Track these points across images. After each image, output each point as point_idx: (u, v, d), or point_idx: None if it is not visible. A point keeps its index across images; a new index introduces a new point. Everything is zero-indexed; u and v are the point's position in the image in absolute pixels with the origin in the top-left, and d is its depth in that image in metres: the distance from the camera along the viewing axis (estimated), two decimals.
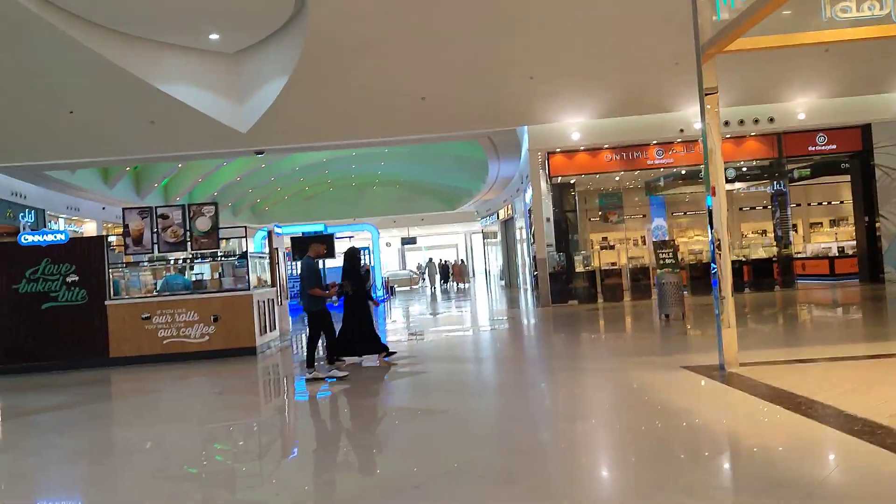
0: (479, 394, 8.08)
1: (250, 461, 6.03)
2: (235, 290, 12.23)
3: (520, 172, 25.92)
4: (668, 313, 13.39)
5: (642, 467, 4.95)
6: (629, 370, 8.35)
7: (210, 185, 32.63)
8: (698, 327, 12.43)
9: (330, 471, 5.54)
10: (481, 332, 14.44)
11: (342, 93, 17.25)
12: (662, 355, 9.67)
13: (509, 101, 17.92)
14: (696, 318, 13.65)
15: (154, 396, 9.37)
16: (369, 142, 19.62)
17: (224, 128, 17.79)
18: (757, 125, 18.45)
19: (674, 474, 4.64)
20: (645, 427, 5.85)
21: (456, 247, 58.47)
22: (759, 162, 19.53)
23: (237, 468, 5.79)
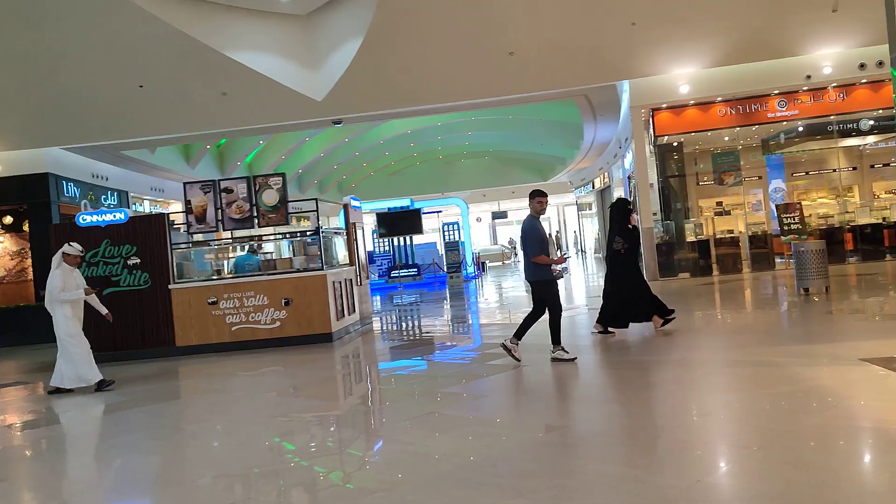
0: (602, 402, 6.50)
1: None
2: (308, 271, 11.02)
3: (617, 136, 23.85)
4: (807, 287, 11.29)
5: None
6: (793, 365, 6.48)
7: (294, 161, 31.93)
8: (850, 304, 10.34)
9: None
10: (580, 314, 12.74)
11: (421, 52, 15.75)
12: (827, 342, 7.70)
13: (608, 52, 15.97)
14: (841, 293, 11.49)
15: (224, 399, 8.22)
16: (452, 105, 18.05)
17: (298, 96, 16.63)
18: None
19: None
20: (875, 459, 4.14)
21: (549, 220, 56.40)
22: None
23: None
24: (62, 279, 8.63)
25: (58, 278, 8.63)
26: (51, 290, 8.61)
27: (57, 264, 8.73)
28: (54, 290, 8.60)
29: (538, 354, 8.25)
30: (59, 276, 8.66)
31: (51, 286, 8.63)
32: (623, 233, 9.22)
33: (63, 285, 8.62)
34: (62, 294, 8.61)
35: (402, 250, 28.20)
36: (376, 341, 11.73)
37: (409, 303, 19.39)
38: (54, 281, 8.63)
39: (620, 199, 9.86)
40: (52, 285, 8.62)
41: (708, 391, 6.16)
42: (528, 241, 7.78)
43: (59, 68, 15.09)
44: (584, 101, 18.73)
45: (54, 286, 8.61)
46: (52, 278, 8.68)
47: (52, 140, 17.68)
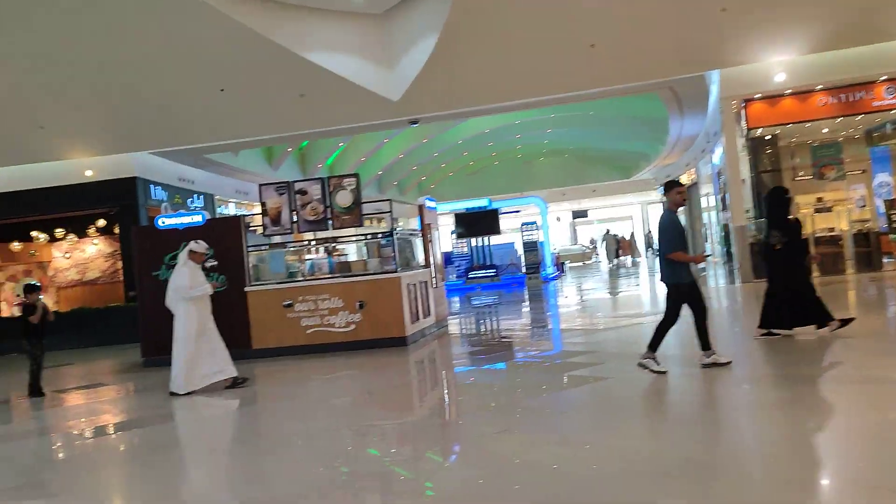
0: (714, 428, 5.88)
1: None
2: (382, 273, 10.77)
3: (706, 130, 22.76)
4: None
5: None
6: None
7: (374, 163, 32.05)
8: None
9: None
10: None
11: (498, 48, 15.33)
12: None
13: (696, 41, 15.13)
14: None
15: (299, 404, 8.04)
16: (531, 102, 17.53)
17: (375, 97, 16.48)
18: None
19: None
20: None
21: (631, 219, 54.91)
22: None
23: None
24: (190, 276, 8.51)
25: (185, 275, 8.51)
26: (178, 286, 8.49)
27: (183, 262, 8.63)
28: (182, 287, 8.47)
29: (623, 363, 7.71)
30: (186, 273, 8.53)
31: (178, 283, 8.51)
32: (780, 225, 8.26)
33: (191, 283, 8.50)
34: (190, 291, 8.47)
35: (480, 251, 27.82)
36: (452, 345, 11.38)
37: (486, 304, 18.99)
38: (181, 278, 8.51)
39: (777, 187, 8.99)
40: (180, 282, 8.50)
41: (841, 412, 5.50)
42: (666, 236, 7.01)
43: (144, 74, 15.42)
44: (670, 93, 17.88)
45: (182, 283, 8.48)
46: (178, 275, 8.56)
47: (139, 145, 18.14)
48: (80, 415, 8.27)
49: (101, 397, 9.48)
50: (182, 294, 8.48)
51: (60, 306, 19.47)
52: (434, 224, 13.07)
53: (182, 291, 8.48)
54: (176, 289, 8.52)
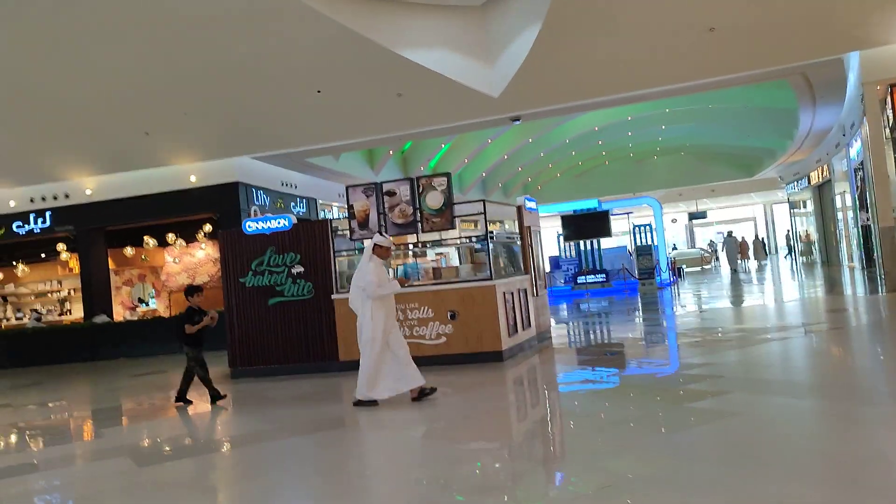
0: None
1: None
2: (475, 281, 9.91)
3: (840, 122, 20.58)
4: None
5: None
6: None
7: (478, 165, 31.32)
8: None
9: None
10: (813, 335, 10.51)
11: (605, 37, 14.15)
12: None
13: (831, 19, 13.39)
14: None
15: (386, 432, 7.32)
16: (642, 94, 16.18)
17: (474, 94, 15.67)
18: None
19: None
20: None
21: (753, 220, 51.67)
22: None
23: None
24: (376, 273, 7.68)
25: (373, 272, 7.65)
26: (365, 285, 7.63)
27: (368, 257, 7.83)
28: (370, 286, 7.58)
29: (753, 393, 6.49)
30: (373, 269, 7.68)
31: (364, 281, 7.66)
32: None
33: (378, 279, 7.67)
34: (378, 289, 7.63)
35: (589, 254, 26.48)
36: (554, 362, 10.38)
37: (595, 312, 17.78)
38: (368, 275, 7.64)
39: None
40: (367, 279, 7.63)
41: None
42: None
43: (243, 78, 15.27)
44: (801, 80, 16.07)
45: (369, 280, 7.60)
46: (364, 272, 7.72)
47: (239, 150, 18.14)
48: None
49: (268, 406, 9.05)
50: (370, 292, 7.59)
51: (172, 310, 19.82)
52: (535, 226, 12.09)
53: (370, 289, 7.59)
54: (364, 287, 7.64)
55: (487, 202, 10.23)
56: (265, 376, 10.48)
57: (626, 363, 9.34)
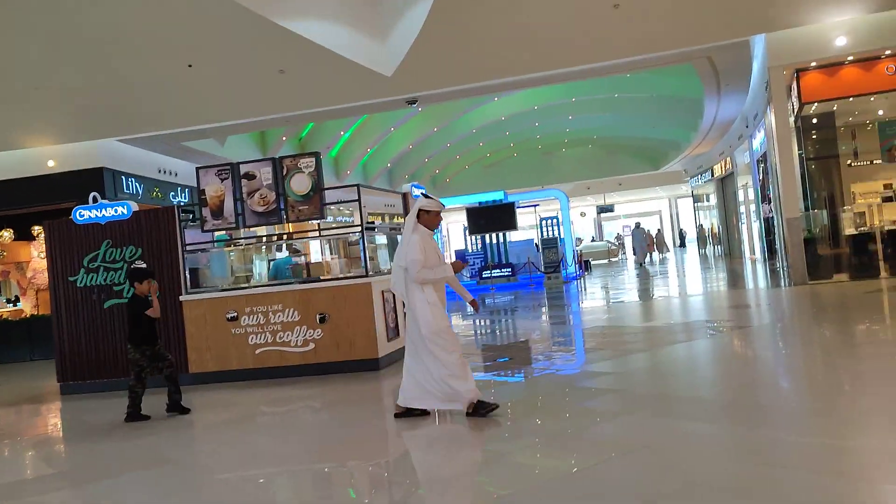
0: None
1: None
2: (348, 278, 8.58)
3: (744, 113, 20.31)
4: None
5: None
6: None
7: (382, 155, 29.94)
8: None
9: None
10: (724, 338, 9.68)
11: (505, 13, 13.08)
12: None
13: (740, 0, 12.74)
14: None
15: (242, 452, 5.87)
16: (545, 76, 15.14)
17: (366, 72, 14.30)
18: None
19: None
20: None
21: (659, 213, 52.34)
22: None
23: None
24: (422, 249, 5.74)
25: (417, 248, 5.72)
26: (409, 264, 5.74)
27: (412, 227, 5.85)
28: (414, 265, 5.69)
29: (663, 415, 5.43)
30: (417, 244, 5.74)
31: (408, 259, 5.74)
32: None
33: (425, 256, 5.75)
34: (424, 271, 5.71)
35: (495, 248, 25.53)
36: None
37: (497, 308, 16.76)
38: (413, 252, 5.72)
39: None
40: (411, 258, 5.72)
41: None
42: None
43: (102, 50, 13.39)
44: (707, 64, 15.43)
45: (414, 259, 5.70)
46: (407, 248, 5.76)
47: (103, 131, 16.12)
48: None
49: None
50: (412, 274, 5.71)
51: (40, 309, 17.73)
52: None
53: (413, 269, 5.70)
54: (407, 266, 5.77)
55: (364, 188, 8.88)
56: (100, 392, 8.84)
57: (521, 370, 8.22)
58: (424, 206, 5.93)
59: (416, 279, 5.72)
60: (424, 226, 5.89)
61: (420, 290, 5.77)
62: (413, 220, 5.91)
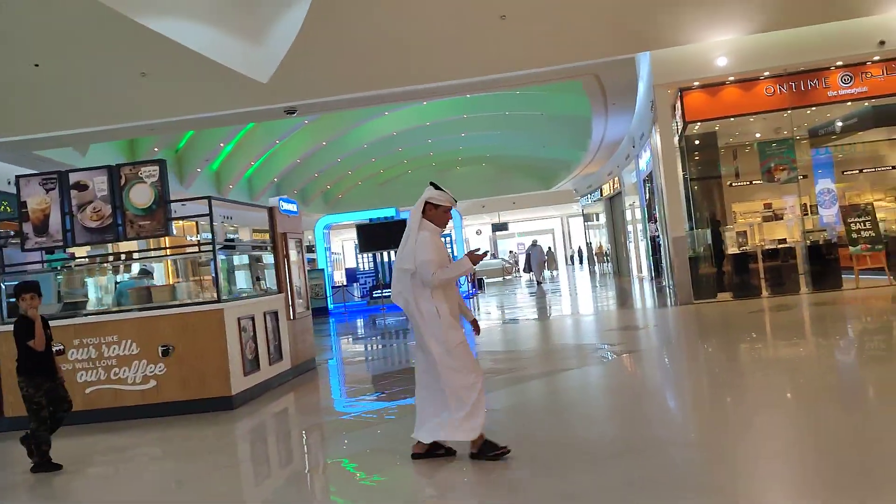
0: None
1: None
2: (197, 304, 7.55)
3: (630, 133, 20.46)
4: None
5: None
6: None
7: (268, 169, 28.64)
8: None
9: None
10: (613, 366, 9.23)
11: (386, 17, 12.41)
12: None
13: (624, 15, 12.59)
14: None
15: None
16: (432, 88, 14.51)
17: (239, 77, 13.29)
18: None
19: None
20: None
21: (552, 232, 53.12)
22: None
23: None
24: (434, 247, 4.83)
25: (429, 246, 4.80)
26: (418, 266, 4.77)
27: (418, 224, 4.91)
28: (426, 266, 4.73)
29: (552, 483, 4.75)
30: (428, 242, 4.82)
31: (418, 260, 4.77)
32: None
33: (437, 256, 4.81)
34: (441, 272, 4.76)
35: (388, 267, 24.66)
36: (308, 404, 8.27)
37: (383, 331, 15.94)
38: (425, 251, 4.77)
39: None
40: (423, 258, 4.75)
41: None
42: None
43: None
44: (594, 82, 15.28)
45: (425, 259, 4.75)
46: (416, 247, 4.79)
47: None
48: None
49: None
50: (427, 277, 4.73)
51: None
52: (295, 233, 9.88)
53: (426, 272, 4.72)
54: (417, 269, 4.77)
55: (218, 200, 7.88)
56: None
57: (393, 410, 7.41)
58: (432, 198, 4.95)
59: (434, 282, 4.73)
60: (432, 222, 4.95)
61: (429, 300, 4.79)
62: (418, 215, 4.94)
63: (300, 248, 9.98)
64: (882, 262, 13.02)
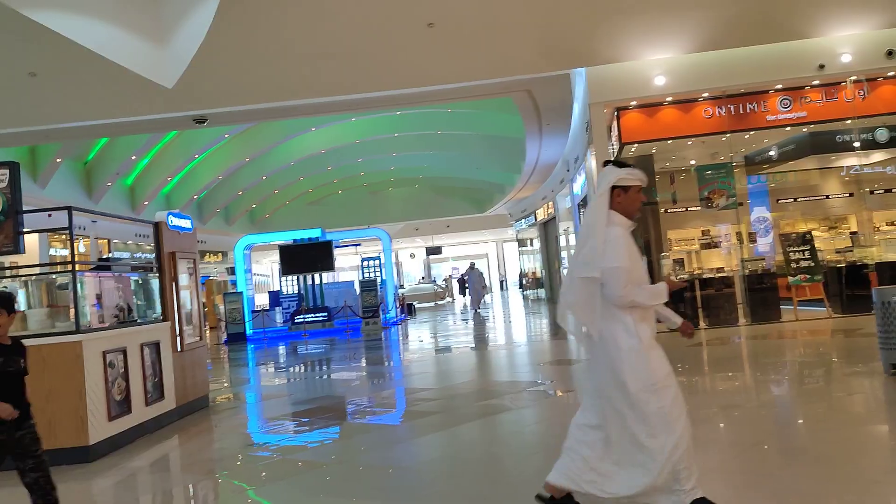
0: None
1: None
2: (49, 335, 6.29)
3: (565, 157, 19.92)
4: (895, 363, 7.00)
5: None
6: None
7: (188, 186, 27.07)
8: None
9: None
10: (546, 405, 8.32)
11: (305, 20, 11.38)
12: None
13: (559, 28, 11.89)
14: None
15: None
16: (352, 100, 13.46)
17: (141, 81, 11.99)
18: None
19: None
20: None
21: (486, 257, 52.57)
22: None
23: None
24: (627, 251, 3.76)
25: (621, 249, 3.73)
26: (607, 274, 3.68)
27: (605, 216, 3.76)
28: (617, 277, 3.68)
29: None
30: (622, 242, 3.75)
31: (607, 265, 3.68)
32: None
33: (631, 267, 3.74)
34: (632, 291, 3.70)
35: (312, 290, 23.39)
36: (191, 453, 7.05)
37: (302, 359, 14.73)
38: (616, 256, 3.70)
39: None
40: (612, 264, 3.68)
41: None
42: None
43: None
44: (528, 99, 14.55)
45: (617, 266, 3.68)
46: (605, 248, 3.70)
47: None
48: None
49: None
50: (619, 290, 3.67)
51: None
52: (187, 253, 8.67)
53: (620, 282, 3.66)
54: (609, 274, 3.67)
55: (80, 211, 6.66)
56: None
57: (305, 458, 6.29)
58: (621, 179, 3.78)
59: (622, 300, 3.66)
60: (622, 212, 3.80)
61: (620, 319, 3.71)
62: (604, 204, 3.77)
63: (194, 270, 8.78)
64: (821, 293, 12.58)
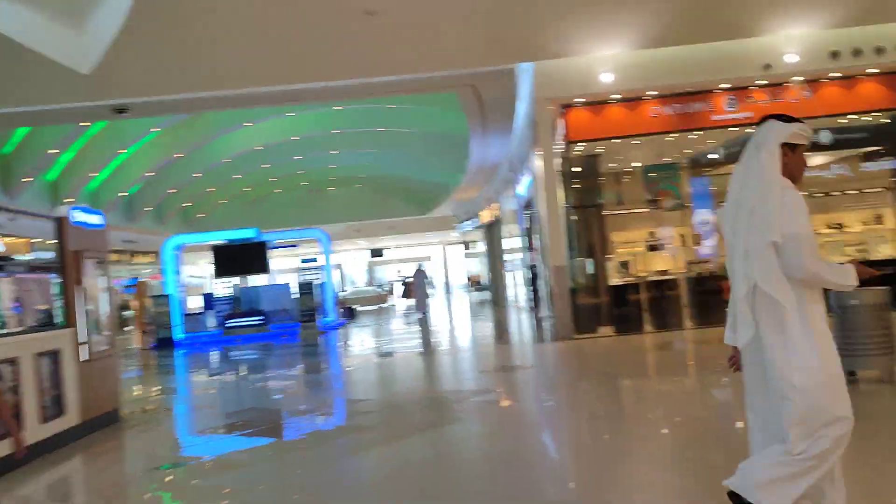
0: None
1: None
2: None
3: (509, 157, 19.47)
4: (854, 370, 6.65)
5: None
6: None
7: (117, 183, 25.72)
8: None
9: None
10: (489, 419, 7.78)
11: (231, 5, 10.66)
12: None
13: (504, 21, 11.43)
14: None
15: None
16: (283, 91, 12.71)
17: (54, 66, 11.08)
18: (883, 56, 11.98)
19: None
20: None
21: (429, 259, 52.01)
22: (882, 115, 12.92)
23: None
24: (808, 218, 3.13)
25: (804, 215, 3.10)
26: (789, 239, 3.04)
27: (777, 177, 3.12)
28: (803, 245, 3.05)
29: None
30: (803, 207, 3.11)
31: (788, 230, 3.03)
32: None
33: (808, 230, 3.13)
34: (817, 264, 3.09)
35: (247, 293, 22.42)
36: (94, 474, 6.29)
37: (230, 366, 13.91)
38: (799, 220, 3.07)
39: None
40: (796, 230, 3.04)
41: None
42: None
43: None
44: (472, 94, 14.06)
45: (803, 233, 3.06)
46: (785, 211, 3.06)
47: None
48: None
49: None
50: (807, 260, 3.06)
51: None
52: (95, 252, 7.84)
53: (809, 250, 3.07)
54: (792, 240, 3.04)
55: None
56: None
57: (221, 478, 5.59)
58: (794, 134, 3.20)
59: (808, 271, 3.05)
60: (792, 170, 3.20)
61: (802, 297, 3.08)
62: (775, 162, 3.14)
63: (105, 271, 7.96)
64: None
